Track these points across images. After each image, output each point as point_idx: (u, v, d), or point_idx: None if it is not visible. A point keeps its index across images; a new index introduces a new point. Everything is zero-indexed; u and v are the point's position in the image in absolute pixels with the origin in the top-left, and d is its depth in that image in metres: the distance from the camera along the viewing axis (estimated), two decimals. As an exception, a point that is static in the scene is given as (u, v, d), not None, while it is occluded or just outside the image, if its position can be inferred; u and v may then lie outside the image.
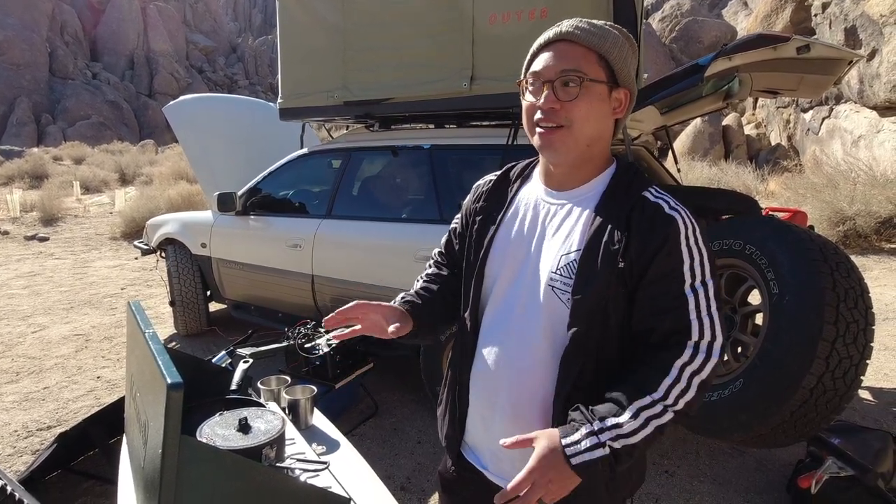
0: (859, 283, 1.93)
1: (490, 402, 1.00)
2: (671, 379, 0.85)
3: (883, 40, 8.51)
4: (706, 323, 0.87)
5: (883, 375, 3.32)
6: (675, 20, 18.31)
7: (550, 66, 0.90)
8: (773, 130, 13.28)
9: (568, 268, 0.92)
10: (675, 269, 0.88)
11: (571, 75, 0.88)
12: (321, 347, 2.83)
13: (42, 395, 3.32)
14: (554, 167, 0.98)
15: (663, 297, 0.88)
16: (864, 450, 2.04)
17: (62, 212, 10.42)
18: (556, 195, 0.99)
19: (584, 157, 0.94)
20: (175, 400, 0.83)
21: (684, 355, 0.86)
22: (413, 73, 2.92)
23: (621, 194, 0.93)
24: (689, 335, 0.87)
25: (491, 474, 1.03)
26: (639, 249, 0.88)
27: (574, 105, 0.89)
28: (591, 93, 0.89)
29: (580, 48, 0.90)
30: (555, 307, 0.93)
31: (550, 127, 0.90)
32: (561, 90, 0.89)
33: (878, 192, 6.49)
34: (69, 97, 39.86)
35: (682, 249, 0.88)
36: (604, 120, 0.93)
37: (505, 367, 0.98)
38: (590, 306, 0.89)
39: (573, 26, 0.90)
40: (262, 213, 3.67)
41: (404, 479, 2.43)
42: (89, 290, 5.77)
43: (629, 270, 0.88)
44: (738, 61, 2.24)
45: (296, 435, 1.41)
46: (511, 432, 0.94)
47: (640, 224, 0.89)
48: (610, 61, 0.90)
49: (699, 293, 0.88)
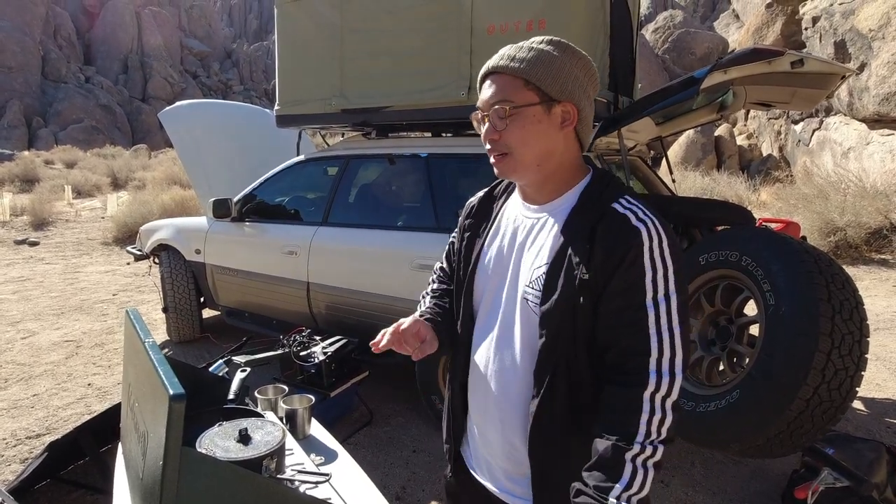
0: (854, 294, 1.95)
1: (483, 412, 1.05)
2: (647, 414, 0.85)
3: (872, 54, 8.66)
4: (665, 338, 0.86)
5: (875, 386, 3.35)
6: (668, 31, 18.53)
7: (485, 100, 0.96)
8: (765, 141, 13.44)
9: (538, 281, 0.95)
10: (636, 281, 0.87)
11: (500, 105, 0.93)
12: (317, 355, 2.82)
13: (31, 402, 3.27)
14: (522, 186, 1.04)
15: (624, 311, 0.88)
16: (858, 460, 2.05)
17: (53, 216, 10.33)
18: (532, 209, 1.02)
19: (541, 176, 0.97)
20: (177, 411, 0.82)
21: (650, 384, 0.85)
22: (411, 82, 2.93)
23: (590, 206, 0.94)
24: (648, 352, 0.86)
25: (489, 484, 1.07)
26: (602, 261, 0.88)
27: (508, 133, 0.94)
28: (522, 118, 0.92)
29: (506, 77, 0.94)
30: (529, 319, 0.96)
31: (498, 155, 0.96)
32: (496, 121, 0.94)
33: (868, 203, 6.57)
34: (61, 100, 39.59)
35: (644, 261, 0.87)
36: (546, 138, 0.94)
37: (492, 378, 1.01)
38: (555, 317, 0.91)
39: (500, 57, 0.95)
40: (257, 220, 3.66)
41: (399, 489, 2.41)
42: (80, 296, 5.71)
43: (594, 281, 0.88)
44: (733, 74, 2.26)
45: (294, 445, 1.40)
46: (501, 441, 1.01)
47: (605, 235, 0.89)
48: (535, 83, 0.92)
49: (661, 307, 0.87)
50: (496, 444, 1.02)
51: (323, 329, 3.26)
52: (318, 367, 2.76)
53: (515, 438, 0.99)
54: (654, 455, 0.84)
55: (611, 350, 0.90)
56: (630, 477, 0.82)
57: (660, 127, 3.21)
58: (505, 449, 1.01)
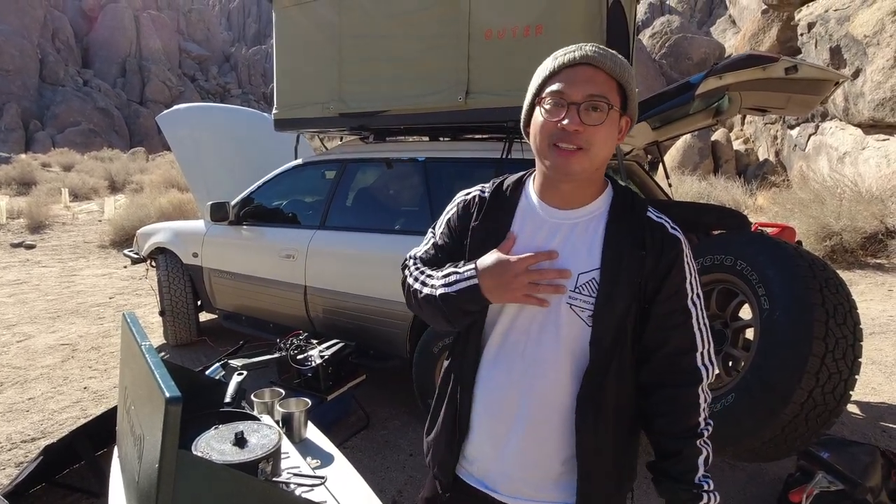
0: (848, 299, 1.97)
1: (505, 422, 1.00)
2: (703, 403, 0.98)
3: (867, 60, 8.72)
4: (705, 333, 0.99)
5: (871, 390, 3.36)
6: (666, 37, 18.63)
7: (577, 89, 0.90)
8: (761, 146, 13.50)
9: (588, 286, 0.95)
10: (680, 284, 0.97)
11: (600, 101, 0.90)
12: (313, 359, 2.82)
13: (27, 406, 3.26)
14: (561, 185, 0.98)
15: (675, 313, 0.97)
16: (853, 464, 2.06)
17: (50, 219, 10.30)
18: (560, 213, 0.99)
19: (590, 179, 0.98)
20: (173, 414, 0.83)
21: (702, 378, 0.97)
22: (409, 86, 2.94)
23: (628, 214, 0.98)
24: (696, 349, 0.97)
25: (502, 495, 1.02)
26: (653, 267, 0.95)
27: (597, 130, 0.91)
28: (611, 120, 0.92)
29: (604, 74, 0.91)
30: (574, 325, 0.95)
31: (574, 148, 0.91)
32: (586, 114, 0.90)
33: (864, 207, 6.61)
34: (59, 103, 39.57)
35: (684, 266, 0.97)
36: (613, 144, 0.96)
37: (524, 386, 0.98)
38: (612, 322, 0.94)
39: (597, 51, 0.92)
40: (255, 224, 3.66)
41: (395, 493, 2.41)
42: (76, 299, 5.69)
43: (644, 287, 0.96)
44: (728, 80, 2.28)
45: (290, 449, 1.40)
46: (529, 451, 0.99)
47: (654, 243, 0.96)
48: (627, 91, 0.94)
49: (697, 305, 0.98)
50: (520, 451, 0.99)
51: (320, 332, 3.26)
52: (314, 370, 2.76)
53: (549, 445, 0.98)
54: (710, 430, 0.99)
55: (660, 350, 0.98)
56: (704, 457, 0.97)
57: (656, 132, 3.23)
58: (533, 457, 0.99)
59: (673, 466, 0.97)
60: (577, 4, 2.57)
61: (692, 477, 0.95)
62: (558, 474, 0.99)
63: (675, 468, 0.97)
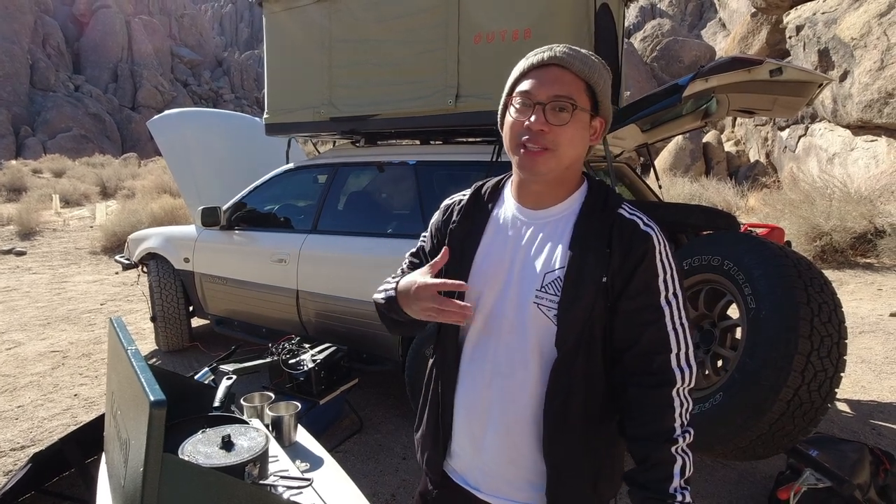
0: (832, 298, 1.99)
1: (481, 421, 1.01)
2: (679, 408, 0.92)
3: (854, 62, 8.83)
4: (680, 334, 0.95)
5: (860, 388, 3.39)
6: (656, 40, 18.78)
7: (543, 89, 0.92)
8: (752, 148, 13.61)
9: (553, 285, 0.94)
10: (651, 282, 0.94)
11: (565, 101, 0.91)
12: (306, 363, 2.82)
13: (16, 413, 3.24)
14: (531, 186, 0.99)
15: (644, 310, 0.94)
16: (841, 461, 2.08)
17: (40, 225, 10.22)
18: (532, 213, 1.01)
19: (561, 178, 0.98)
20: (157, 418, 0.83)
21: (677, 381, 0.93)
22: (399, 90, 2.95)
23: (598, 212, 0.97)
24: (669, 350, 0.93)
25: (484, 494, 1.03)
26: (619, 265, 0.93)
27: (563, 130, 0.91)
28: (577, 120, 0.92)
29: (571, 75, 0.92)
30: (541, 324, 0.95)
31: (540, 148, 0.92)
32: (551, 114, 0.91)
33: (853, 208, 6.68)
34: (50, 109, 39.33)
35: (657, 264, 0.94)
36: (583, 145, 0.96)
37: (496, 385, 0.99)
38: (577, 321, 0.93)
39: (566, 52, 0.93)
40: (246, 228, 3.65)
41: (389, 496, 2.41)
42: (67, 306, 5.65)
43: (611, 285, 0.93)
44: (715, 83, 2.31)
45: (279, 452, 1.40)
46: (504, 450, 0.99)
47: (620, 240, 0.94)
48: (596, 92, 0.94)
49: (672, 304, 0.94)
50: (497, 450, 1.00)
51: (312, 336, 3.25)
52: (307, 374, 2.76)
53: (522, 443, 0.98)
54: (688, 438, 0.93)
55: (631, 349, 0.95)
56: (681, 466, 0.91)
57: (646, 134, 3.26)
58: (509, 455, 1.00)
59: (643, 473, 0.92)
60: (565, 9, 2.60)
61: (666, 486, 0.89)
62: (534, 474, 0.99)
63: (645, 475, 0.92)
